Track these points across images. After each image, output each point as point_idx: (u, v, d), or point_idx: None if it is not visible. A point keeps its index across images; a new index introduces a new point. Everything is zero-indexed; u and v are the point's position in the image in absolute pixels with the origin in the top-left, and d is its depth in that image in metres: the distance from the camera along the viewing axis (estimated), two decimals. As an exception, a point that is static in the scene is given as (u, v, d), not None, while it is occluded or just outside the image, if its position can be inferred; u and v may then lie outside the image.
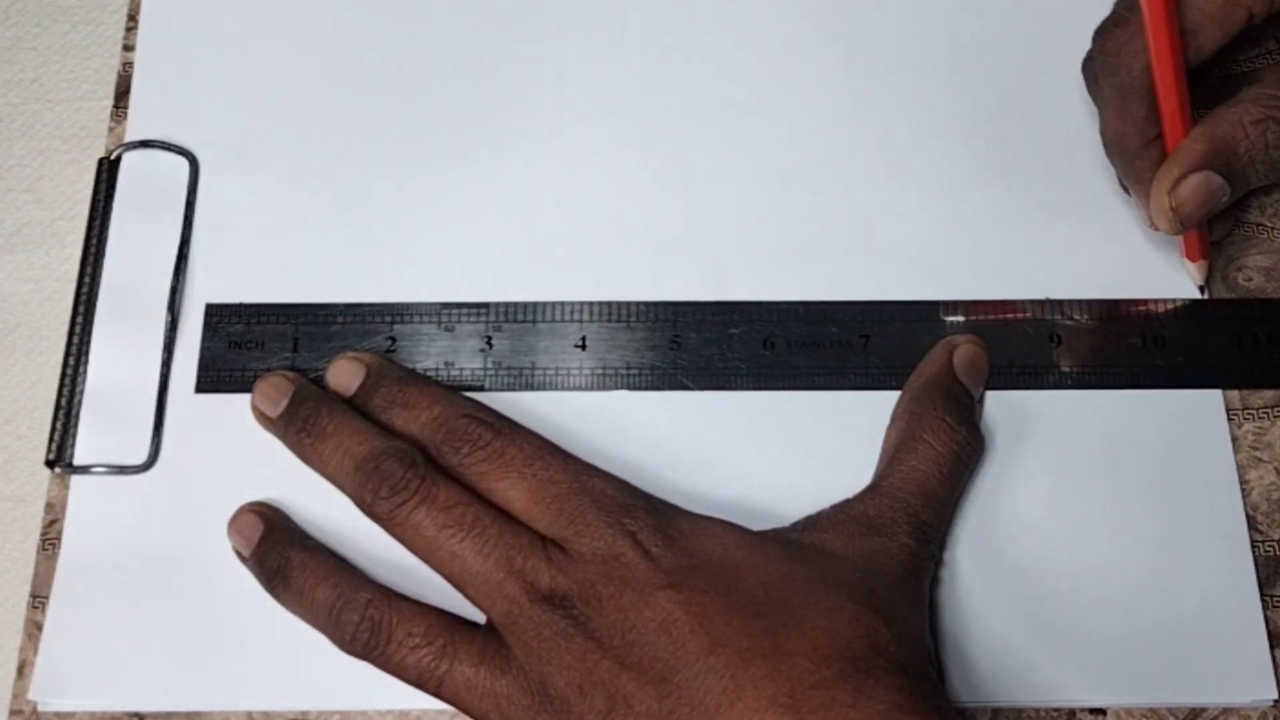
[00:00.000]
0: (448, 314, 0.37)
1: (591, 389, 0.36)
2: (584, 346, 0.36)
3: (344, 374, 0.35)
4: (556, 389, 0.36)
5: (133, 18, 0.41)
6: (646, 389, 0.36)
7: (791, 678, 0.28)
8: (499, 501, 0.32)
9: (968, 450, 0.34)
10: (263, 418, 0.35)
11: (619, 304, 0.37)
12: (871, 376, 0.36)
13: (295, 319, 0.37)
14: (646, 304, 0.37)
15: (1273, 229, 0.38)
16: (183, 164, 0.39)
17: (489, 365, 0.36)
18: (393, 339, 0.36)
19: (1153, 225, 0.35)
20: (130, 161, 0.39)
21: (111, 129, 0.40)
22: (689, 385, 0.36)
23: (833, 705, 0.28)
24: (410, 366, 0.36)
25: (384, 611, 0.31)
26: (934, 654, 0.32)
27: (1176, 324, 0.36)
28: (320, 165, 0.39)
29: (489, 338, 0.37)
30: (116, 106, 0.40)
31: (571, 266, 0.38)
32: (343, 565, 0.33)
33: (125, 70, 0.40)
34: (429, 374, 0.36)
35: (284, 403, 0.35)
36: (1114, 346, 0.36)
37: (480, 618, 0.32)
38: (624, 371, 0.36)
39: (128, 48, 0.40)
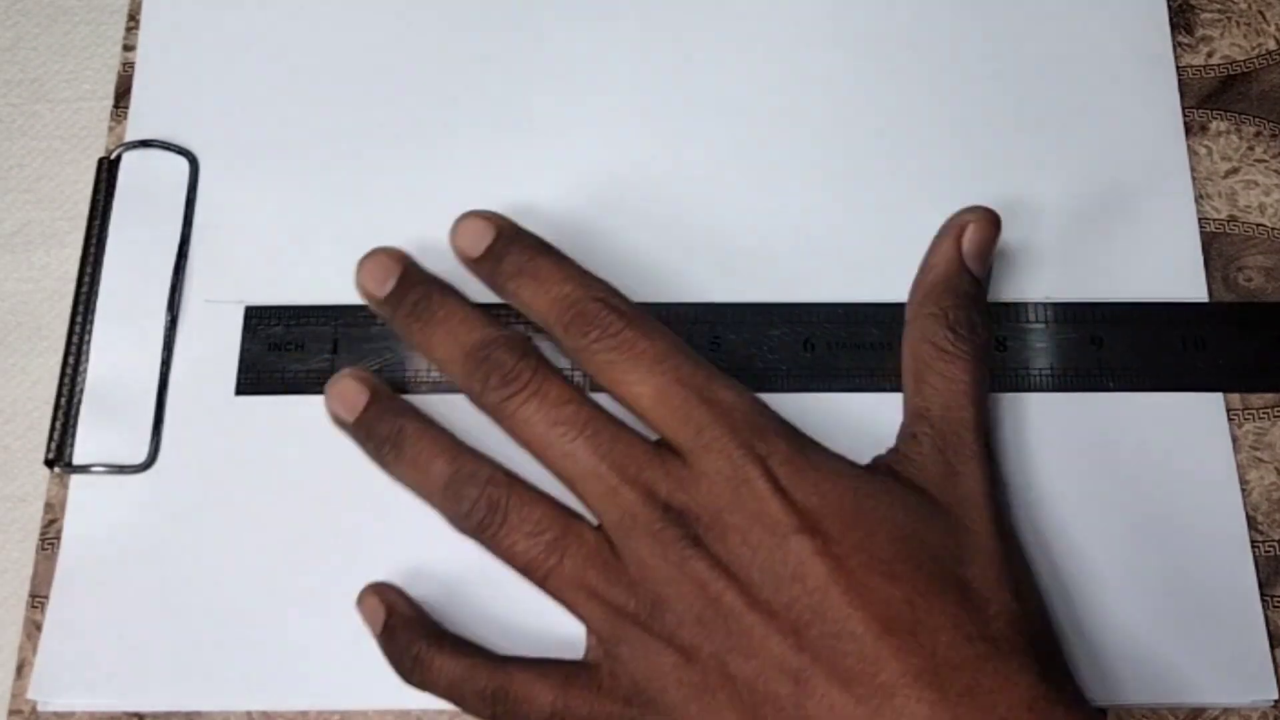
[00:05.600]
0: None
1: None
2: None
3: (471, 232, 0.32)
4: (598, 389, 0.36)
5: (133, 18, 0.41)
6: None
7: (935, 655, 0.27)
8: (621, 395, 0.30)
9: (984, 351, 0.33)
10: (370, 297, 0.33)
11: (658, 305, 0.36)
12: None
13: (335, 321, 0.36)
14: (685, 305, 0.37)
15: (1273, 229, 0.38)
16: (183, 164, 0.39)
17: None
18: None
19: None
20: (130, 161, 0.39)
21: (111, 129, 0.39)
22: None
23: (977, 691, 0.26)
24: None
25: (503, 492, 0.30)
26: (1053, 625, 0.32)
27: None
28: (321, 165, 0.39)
29: (529, 339, 0.36)
30: (116, 106, 0.40)
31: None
32: (459, 441, 0.31)
33: (125, 70, 0.40)
34: None
35: (391, 283, 0.33)
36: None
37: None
38: None
39: (128, 48, 0.40)
